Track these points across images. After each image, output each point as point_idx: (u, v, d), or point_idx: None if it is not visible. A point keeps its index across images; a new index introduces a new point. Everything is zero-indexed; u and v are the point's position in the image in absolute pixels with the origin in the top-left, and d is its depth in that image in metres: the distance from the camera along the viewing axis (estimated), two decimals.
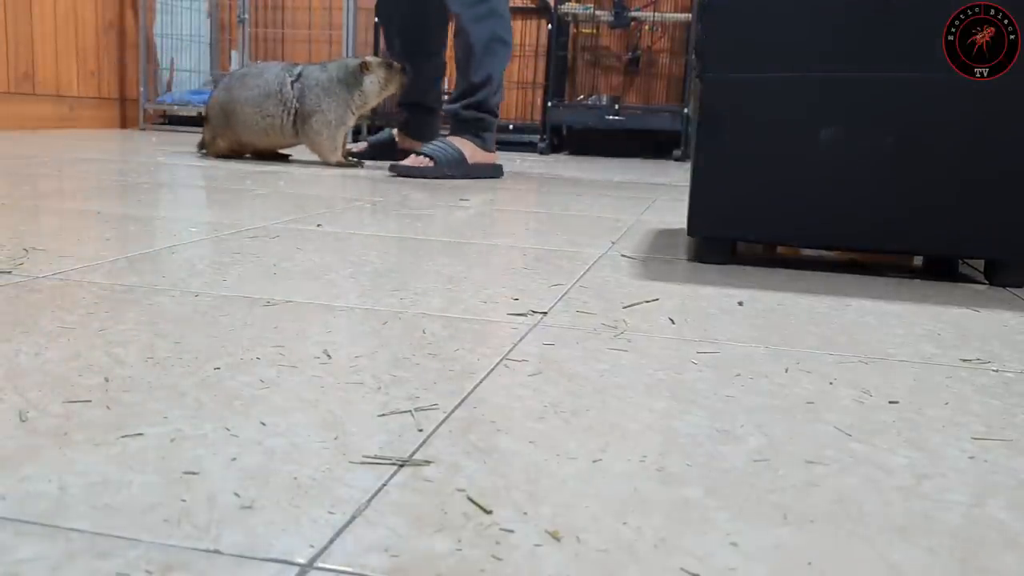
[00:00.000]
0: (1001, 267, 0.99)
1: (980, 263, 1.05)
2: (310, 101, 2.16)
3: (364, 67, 2.18)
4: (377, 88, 2.19)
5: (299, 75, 2.19)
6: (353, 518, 0.36)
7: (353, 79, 2.17)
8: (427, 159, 2.07)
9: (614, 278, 0.91)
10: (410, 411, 0.49)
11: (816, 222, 1.00)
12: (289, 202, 1.43)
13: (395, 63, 2.22)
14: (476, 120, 2.12)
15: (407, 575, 0.32)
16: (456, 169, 2.08)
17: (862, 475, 0.43)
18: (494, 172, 2.18)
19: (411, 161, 2.07)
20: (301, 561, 0.32)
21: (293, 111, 2.17)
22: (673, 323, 0.73)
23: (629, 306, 0.78)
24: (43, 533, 0.33)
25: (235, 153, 2.31)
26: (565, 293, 0.82)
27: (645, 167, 3.04)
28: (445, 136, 2.15)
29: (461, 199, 1.62)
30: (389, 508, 0.37)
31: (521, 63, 3.94)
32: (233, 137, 2.25)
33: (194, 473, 0.39)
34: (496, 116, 2.17)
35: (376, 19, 2.38)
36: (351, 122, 2.22)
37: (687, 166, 3.02)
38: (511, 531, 0.35)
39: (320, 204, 1.42)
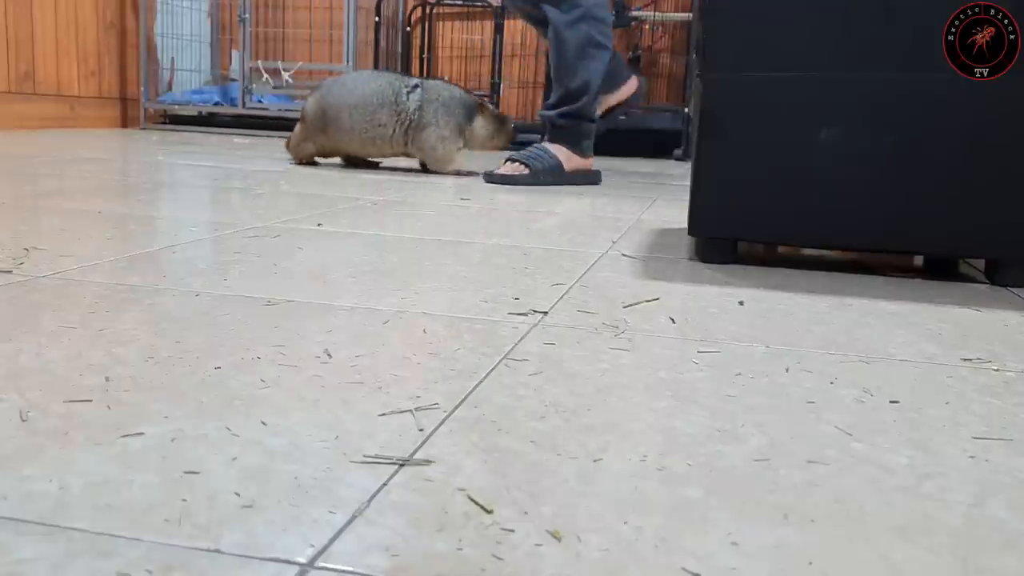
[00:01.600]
0: (1002, 267, 0.99)
1: (981, 263, 1.05)
2: (427, 114, 2.10)
3: (480, 108, 2.14)
4: (484, 134, 2.14)
5: (415, 86, 2.12)
6: (354, 518, 0.36)
7: (470, 112, 2.13)
8: (522, 166, 2.01)
9: (615, 277, 0.91)
10: (411, 410, 0.49)
11: (817, 222, 1.00)
12: (290, 202, 1.43)
13: (507, 118, 2.17)
14: (573, 128, 2.06)
15: (408, 575, 0.32)
16: (553, 177, 2.02)
17: (863, 475, 0.43)
18: (592, 178, 2.11)
19: (507, 169, 2.01)
20: (302, 561, 0.32)
21: (407, 122, 2.11)
22: (674, 323, 0.73)
23: (630, 306, 0.78)
24: (44, 533, 0.33)
25: (323, 156, 2.26)
26: (566, 292, 0.82)
27: (646, 166, 3.04)
28: (541, 143, 2.09)
29: (461, 199, 1.62)
30: (390, 508, 0.37)
31: (521, 63, 3.94)
32: (327, 143, 2.19)
33: (195, 473, 0.39)
34: (594, 122, 2.10)
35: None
36: (460, 147, 2.15)
37: (688, 166, 3.02)
38: (512, 531, 0.35)
39: (321, 203, 1.42)
